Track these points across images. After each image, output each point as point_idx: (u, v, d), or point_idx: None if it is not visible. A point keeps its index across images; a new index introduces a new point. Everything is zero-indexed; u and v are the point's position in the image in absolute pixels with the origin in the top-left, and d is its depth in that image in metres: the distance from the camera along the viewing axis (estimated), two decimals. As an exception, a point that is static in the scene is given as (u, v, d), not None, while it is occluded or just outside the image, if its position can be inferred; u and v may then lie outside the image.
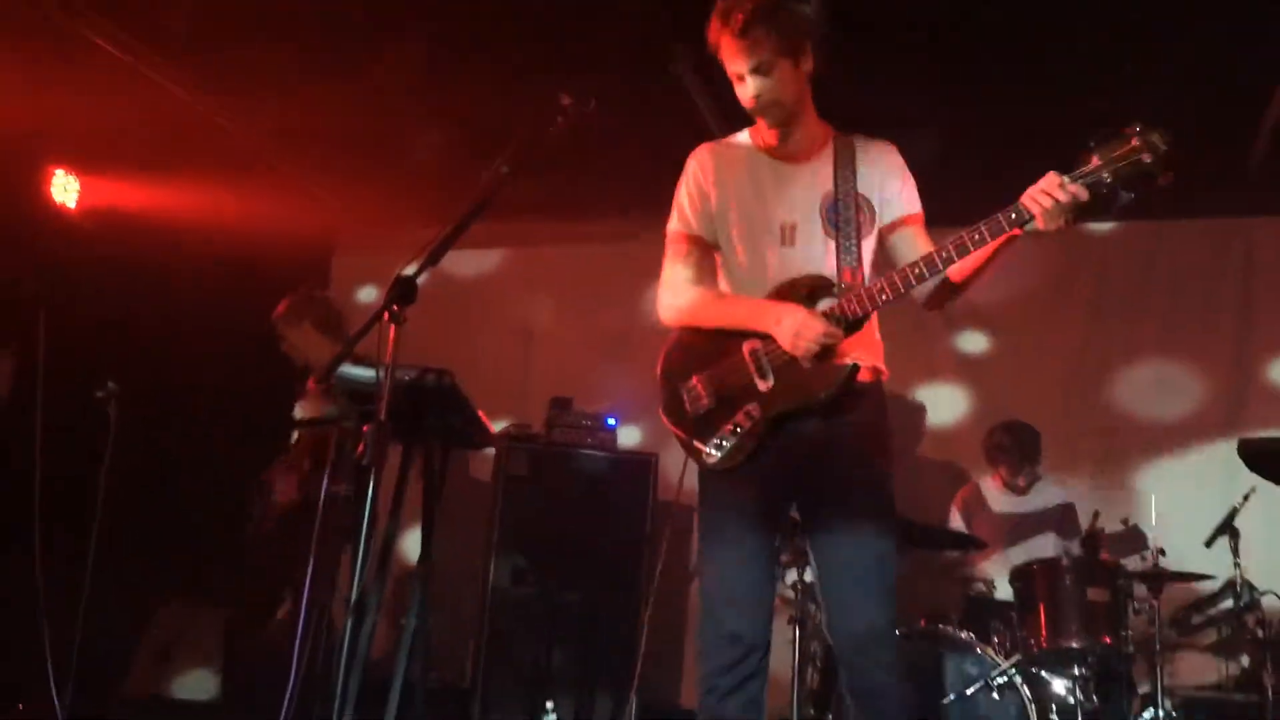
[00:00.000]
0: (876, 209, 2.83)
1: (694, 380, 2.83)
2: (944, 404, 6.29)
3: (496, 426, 5.19)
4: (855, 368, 2.69)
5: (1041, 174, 2.48)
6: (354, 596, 2.98)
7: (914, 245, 2.81)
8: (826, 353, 2.69)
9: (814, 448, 2.74)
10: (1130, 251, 6.22)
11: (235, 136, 5.82)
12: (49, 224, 5.60)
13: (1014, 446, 5.33)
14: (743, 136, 2.97)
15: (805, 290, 2.74)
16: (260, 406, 5.44)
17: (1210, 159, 5.08)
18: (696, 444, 2.82)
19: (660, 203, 3.03)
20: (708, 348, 2.84)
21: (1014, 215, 2.49)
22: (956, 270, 2.68)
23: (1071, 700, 4.32)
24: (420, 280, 2.63)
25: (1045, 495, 5.38)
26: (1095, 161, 2.37)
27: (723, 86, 2.90)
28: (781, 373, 2.73)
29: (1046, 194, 2.41)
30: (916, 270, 2.62)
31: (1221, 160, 5.32)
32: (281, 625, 4.56)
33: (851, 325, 2.69)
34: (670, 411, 2.88)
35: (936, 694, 4.28)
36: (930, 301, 2.87)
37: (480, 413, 3.62)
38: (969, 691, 4.24)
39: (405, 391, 2.96)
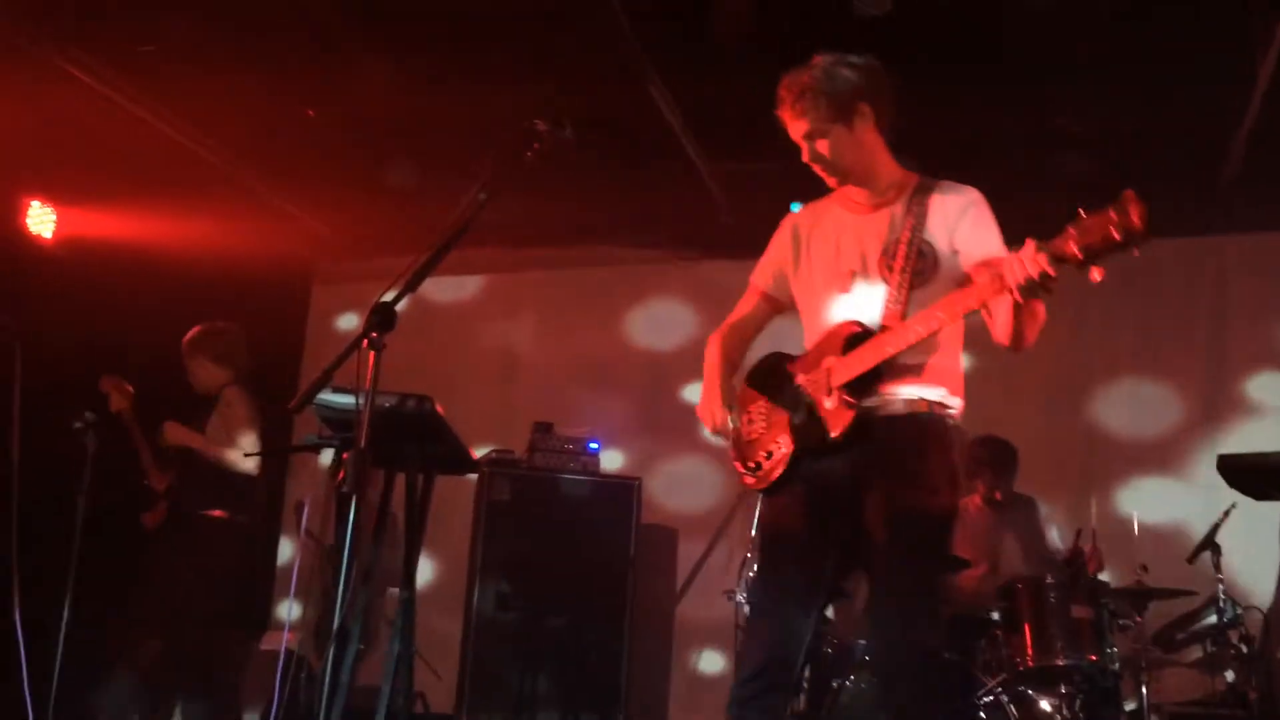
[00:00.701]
0: (941, 256, 2.81)
1: (752, 408, 2.98)
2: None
3: (479, 452, 5.17)
4: (860, 414, 2.71)
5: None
6: (336, 625, 2.96)
7: None
8: (861, 391, 2.71)
9: (843, 484, 2.77)
10: (1107, 270, 6.23)
11: (214, 165, 5.81)
12: (25, 255, 5.58)
13: (990, 460, 5.34)
14: (831, 194, 3.03)
15: (842, 339, 2.79)
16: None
17: (1183, 177, 5.13)
18: (738, 465, 2.97)
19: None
20: (775, 378, 2.96)
21: (998, 282, 2.49)
22: (1001, 330, 2.68)
23: (1058, 718, 4.32)
24: (400, 307, 2.63)
25: (1026, 522, 5.36)
26: (1071, 233, 2.40)
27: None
28: (810, 410, 2.82)
29: (1021, 264, 2.43)
30: (914, 330, 2.67)
31: (1194, 178, 5.36)
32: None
33: (869, 377, 2.72)
34: (735, 436, 2.99)
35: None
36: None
37: (462, 439, 3.61)
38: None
39: (385, 418, 2.95)
